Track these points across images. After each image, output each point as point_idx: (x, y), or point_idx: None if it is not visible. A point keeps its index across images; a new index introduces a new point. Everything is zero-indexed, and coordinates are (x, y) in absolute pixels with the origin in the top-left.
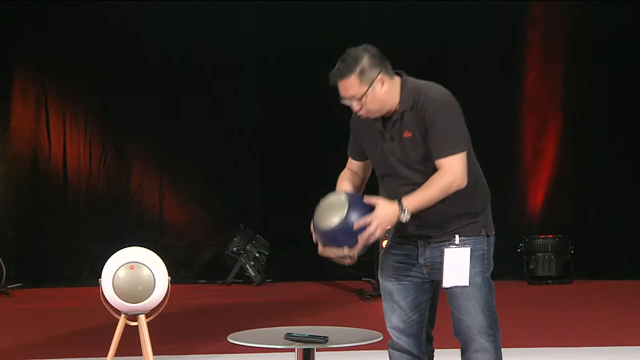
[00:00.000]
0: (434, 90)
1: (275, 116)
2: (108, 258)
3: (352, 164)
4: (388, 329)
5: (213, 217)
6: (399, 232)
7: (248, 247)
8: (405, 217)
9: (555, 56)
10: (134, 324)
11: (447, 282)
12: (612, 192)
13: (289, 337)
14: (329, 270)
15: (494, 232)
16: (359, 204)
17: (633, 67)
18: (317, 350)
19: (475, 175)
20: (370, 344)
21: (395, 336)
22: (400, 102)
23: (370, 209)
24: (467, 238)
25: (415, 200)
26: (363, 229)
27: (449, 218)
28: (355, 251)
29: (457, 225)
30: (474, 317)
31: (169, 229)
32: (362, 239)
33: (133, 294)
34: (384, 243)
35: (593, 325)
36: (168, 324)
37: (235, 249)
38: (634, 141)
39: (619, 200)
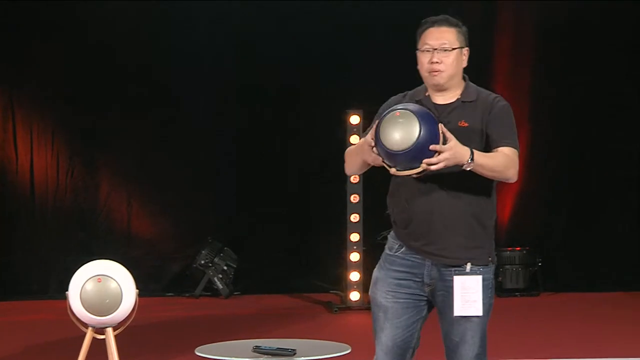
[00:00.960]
0: (492, 93)
1: (248, 129)
2: (76, 271)
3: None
4: (376, 347)
5: (181, 229)
6: (410, 245)
7: (216, 259)
8: (469, 167)
9: (523, 69)
10: (102, 337)
11: (458, 311)
12: (580, 204)
13: (257, 350)
14: (298, 283)
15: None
16: (432, 127)
17: (601, 79)
18: None
19: (495, 201)
20: (339, 356)
21: (381, 356)
22: (462, 93)
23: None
24: (478, 266)
25: (481, 157)
26: (431, 153)
27: (468, 243)
28: (415, 172)
29: (471, 254)
30: (473, 346)
31: (137, 241)
32: (425, 162)
33: (100, 307)
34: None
35: (561, 338)
36: (136, 337)
37: (203, 262)
38: (602, 153)
39: (586, 212)
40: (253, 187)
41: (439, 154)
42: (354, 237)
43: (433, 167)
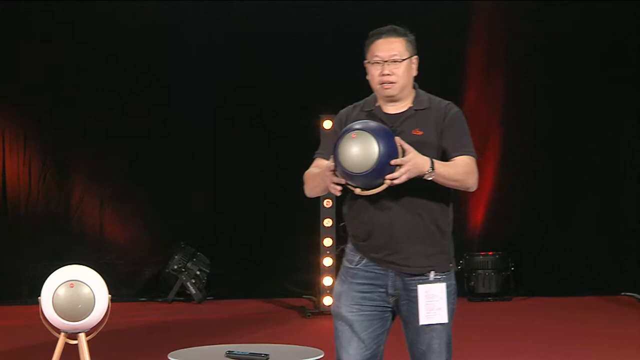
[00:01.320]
0: (443, 100)
1: (222, 133)
2: (48, 276)
3: (321, 164)
4: None
5: (154, 235)
6: (372, 257)
7: (189, 265)
8: (430, 176)
9: (496, 73)
10: (74, 342)
11: (423, 319)
12: (552, 209)
13: (230, 355)
14: (271, 288)
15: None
16: (390, 142)
17: (573, 83)
18: None
19: (452, 207)
20: None
21: None
22: (414, 101)
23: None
24: (441, 274)
25: (441, 166)
26: (392, 168)
27: (429, 250)
28: (377, 190)
29: (433, 261)
30: (440, 353)
31: (109, 246)
32: (388, 179)
33: (73, 312)
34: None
35: (533, 342)
36: (108, 342)
37: (175, 267)
38: (574, 158)
39: (559, 217)
40: (227, 191)
41: (399, 167)
42: (327, 242)
43: (396, 182)
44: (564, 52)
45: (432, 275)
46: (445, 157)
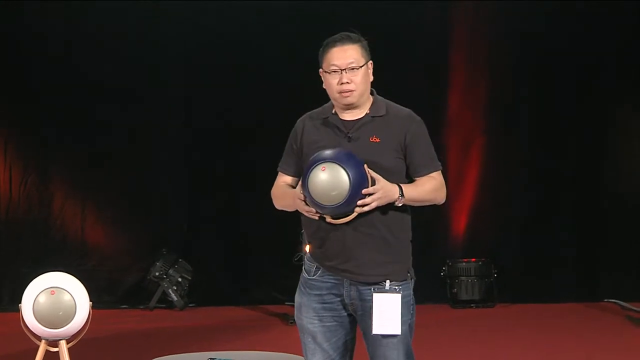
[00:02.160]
0: (403, 107)
1: (203, 137)
2: (29, 283)
3: (286, 179)
4: None
5: (136, 241)
6: (326, 265)
7: (170, 271)
8: (400, 202)
9: (479, 80)
10: (55, 349)
11: (376, 329)
12: (534, 216)
13: None
14: (253, 295)
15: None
16: (360, 171)
17: (557, 91)
18: None
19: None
20: None
21: None
22: (371, 108)
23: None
24: (398, 283)
25: (411, 191)
26: (362, 196)
27: (383, 258)
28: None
29: (387, 270)
30: None
31: (91, 253)
32: (359, 204)
33: (54, 319)
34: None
35: (516, 349)
36: (89, 349)
37: (157, 274)
38: (557, 165)
39: (541, 224)
40: (209, 197)
41: (369, 195)
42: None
43: (366, 209)
44: (550, 57)
45: (387, 284)
46: (411, 172)
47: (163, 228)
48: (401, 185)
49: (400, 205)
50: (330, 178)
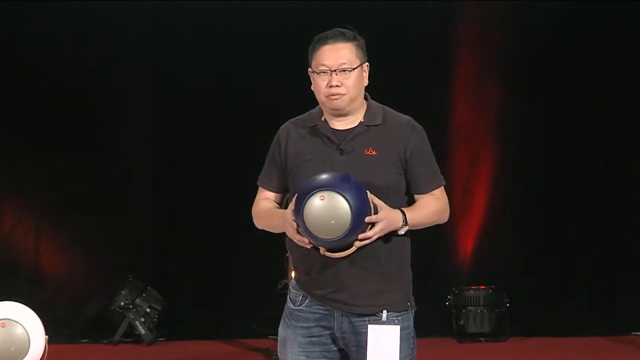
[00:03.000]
0: (401, 114)
1: (169, 153)
2: None
3: (268, 195)
4: None
5: (97, 266)
6: (314, 294)
7: (137, 301)
8: (403, 230)
9: (489, 80)
10: None
11: None
12: (551, 237)
13: None
14: (232, 328)
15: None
16: (362, 198)
17: (578, 95)
18: None
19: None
20: None
21: None
22: (366, 115)
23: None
24: (396, 313)
25: (414, 216)
26: (364, 225)
27: (381, 287)
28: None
29: (385, 299)
30: None
31: (46, 281)
32: (360, 239)
33: (5, 355)
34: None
35: None
36: None
37: (122, 304)
38: (577, 180)
39: (559, 246)
40: (181, 217)
41: (372, 226)
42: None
43: (367, 242)
44: (571, 58)
45: (384, 315)
46: (410, 187)
47: (129, 251)
48: (404, 210)
49: (402, 233)
50: (329, 209)
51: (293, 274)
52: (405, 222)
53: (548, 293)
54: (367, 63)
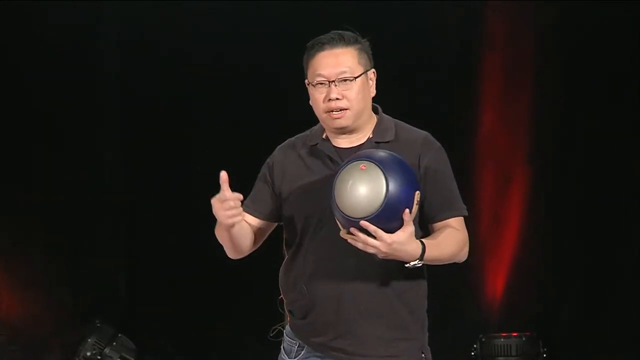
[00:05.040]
0: (418, 130)
1: (142, 177)
2: None
3: (248, 219)
4: None
5: (60, 309)
6: (312, 342)
7: (107, 350)
8: (413, 265)
9: (521, 90)
10: None
11: None
12: (595, 274)
13: None
14: None
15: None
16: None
17: (626, 107)
18: None
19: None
20: None
21: None
22: (375, 131)
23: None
24: None
25: (433, 252)
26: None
27: (390, 333)
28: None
29: (395, 349)
30: None
31: None
32: (362, 241)
33: None
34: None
35: None
36: None
37: (89, 354)
38: (626, 207)
39: (603, 285)
40: (156, 250)
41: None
42: None
43: (364, 248)
44: (617, 64)
45: None
46: (423, 212)
47: (96, 292)
48: (425, 242)
49: (411, 267)
50: (363, 182)
51: (288, 319)
52: (422, 257)
53: (592, 341)
54: (373, 70)
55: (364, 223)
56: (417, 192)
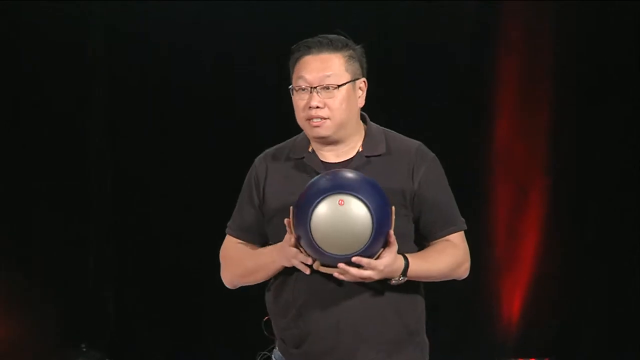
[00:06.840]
0: (410, 139)
1: (130, 188)
2: None
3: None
4: None
5: (42, 331)
6: (305, 349)
7: None
8: (396, 282)
9: (539, 97)
10: None
11: None
12: (619, 295)
13: None
14: None
15: None
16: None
17: None
18: None
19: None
20: None
21: None
22: (365, 144)
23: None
24: None
25: (419, 267)
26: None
27: (390, 359)
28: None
29: (398, 351)
30: None
31: None
32: (354, 275)
33: None
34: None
35: None
36: None
37: None
38: None
39: (629, 308)
40: (146, 269)
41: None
42: None
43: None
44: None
45: None
46: (419, 229)
47: (81, 313)
48: (408, 258)
49: (395, 284)
50: (347, 217)
51: (276, 343)
52: (404, 273)
53: None
54: (364, 79)
55: (357, 259)
56: (393, 207)
